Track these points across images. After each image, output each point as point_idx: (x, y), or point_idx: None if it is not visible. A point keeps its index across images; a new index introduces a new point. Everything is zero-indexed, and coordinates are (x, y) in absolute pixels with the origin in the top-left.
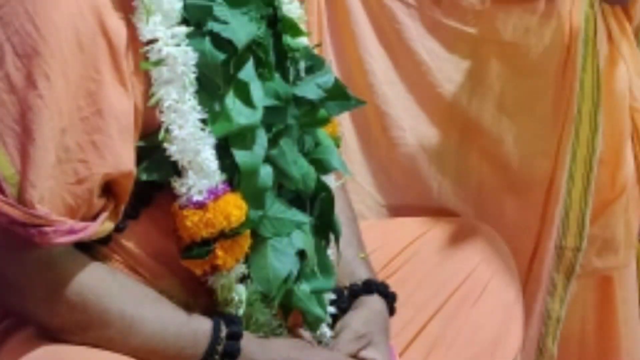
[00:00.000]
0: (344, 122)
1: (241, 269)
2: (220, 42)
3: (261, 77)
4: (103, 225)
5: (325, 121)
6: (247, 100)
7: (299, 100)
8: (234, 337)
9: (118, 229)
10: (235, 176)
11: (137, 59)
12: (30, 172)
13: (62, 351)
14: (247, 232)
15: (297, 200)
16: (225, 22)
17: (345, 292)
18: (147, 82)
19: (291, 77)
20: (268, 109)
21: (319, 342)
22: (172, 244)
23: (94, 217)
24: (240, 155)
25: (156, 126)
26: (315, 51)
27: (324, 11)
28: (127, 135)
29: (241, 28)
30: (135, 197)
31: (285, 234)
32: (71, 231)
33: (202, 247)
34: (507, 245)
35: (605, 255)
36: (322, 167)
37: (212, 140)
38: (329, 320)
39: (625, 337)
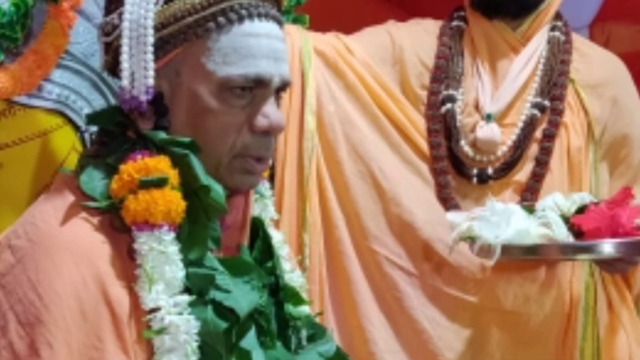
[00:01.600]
0: None
1: None
2: (223, 311)
3: (263, 345)
4: None
5: None
6: None
7: None
8: None
9: None
10: None
11: (139, 327)
12: None
13: None
14: None
15: None
16: (227, 291)
17: None
18: (150, 350)
19: (293, 346)
20: None
21: None
22: None
23: None
24: None
25: None
26: (317, 320)
27: (326, 280)
28: None
29: (243, 297)
30: None
31: None
32: None
33: None
34: None
35: None
36: None
37: None
38: None
39: None
